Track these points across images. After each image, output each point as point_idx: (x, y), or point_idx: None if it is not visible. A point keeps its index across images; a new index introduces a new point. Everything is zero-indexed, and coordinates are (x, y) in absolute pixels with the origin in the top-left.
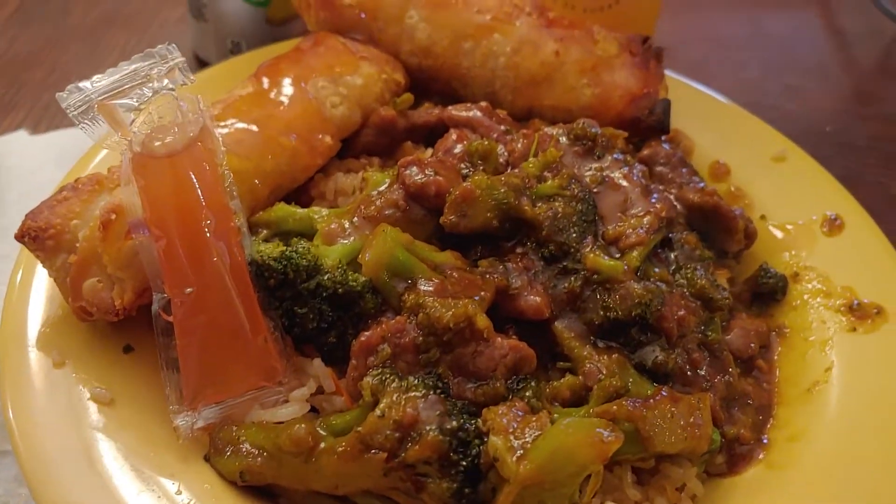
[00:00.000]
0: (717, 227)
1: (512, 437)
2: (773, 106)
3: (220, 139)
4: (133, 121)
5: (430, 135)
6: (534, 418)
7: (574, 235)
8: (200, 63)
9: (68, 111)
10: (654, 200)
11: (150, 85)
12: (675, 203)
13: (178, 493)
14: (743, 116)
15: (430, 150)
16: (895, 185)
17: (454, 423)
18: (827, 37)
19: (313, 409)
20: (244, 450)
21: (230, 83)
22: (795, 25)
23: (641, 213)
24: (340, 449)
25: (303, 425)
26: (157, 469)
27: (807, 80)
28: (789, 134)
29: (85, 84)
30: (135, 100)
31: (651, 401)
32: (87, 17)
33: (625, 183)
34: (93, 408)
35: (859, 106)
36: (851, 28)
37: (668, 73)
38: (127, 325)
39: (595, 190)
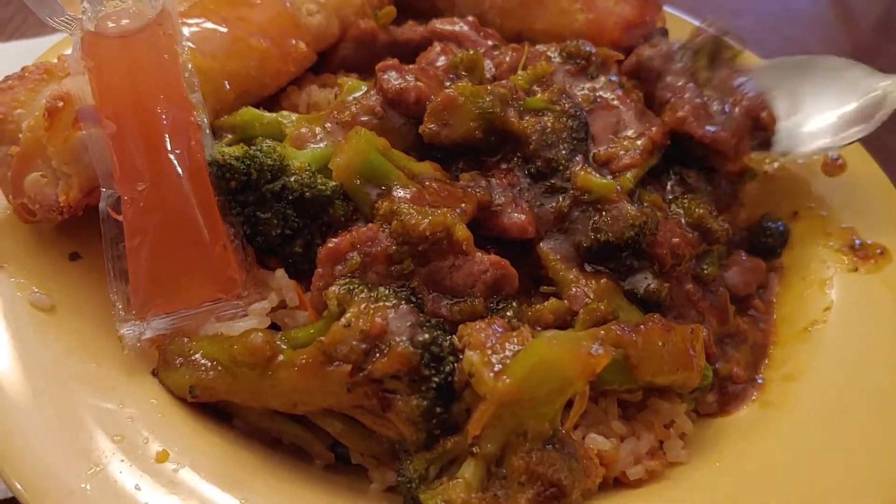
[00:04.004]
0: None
1: (490, 352)
2: (772, 56)
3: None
4: None
5: (414, 54)
6: (514, 334)
7: (563, 152)
8: None
9: None
10: (648, 124)
11: None
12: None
13: (121, 406)
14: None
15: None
16: (893, 140)
17: (426, 335)
18: None
19: (274, 326)
20: (195, 361)
21: None
22: None
23: (635, 136)
24: (300, 361)
25: (260, 334)
26: (97, 381)
27: (806, 33)
28: None
29: None
30: None
31: (641, 327)
32: None
33: (619, 104)
34: (31, 313)
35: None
36: None
37: (666, 8)
38: (75, 229)
39: (587, 109)
